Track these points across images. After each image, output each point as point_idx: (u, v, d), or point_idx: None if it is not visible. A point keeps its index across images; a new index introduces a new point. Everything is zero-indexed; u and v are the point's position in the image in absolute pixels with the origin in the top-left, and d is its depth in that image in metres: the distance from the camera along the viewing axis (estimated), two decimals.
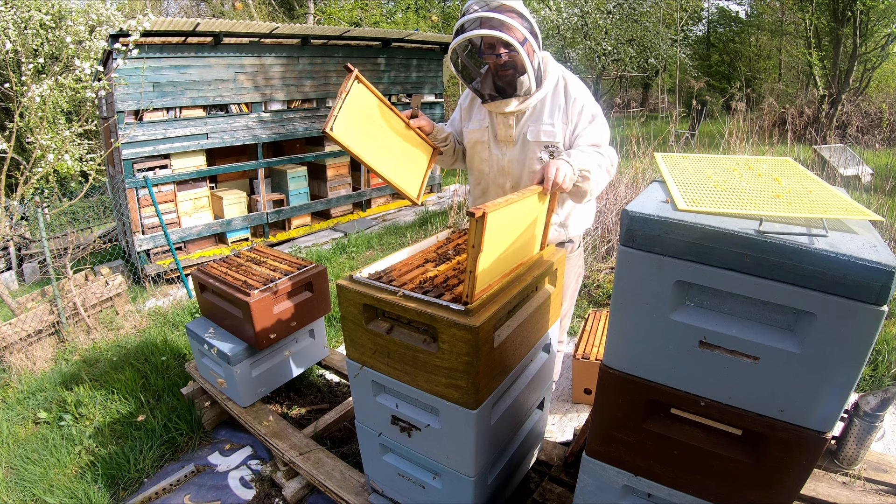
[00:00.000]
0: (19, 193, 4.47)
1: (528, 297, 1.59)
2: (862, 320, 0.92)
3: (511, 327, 1.47)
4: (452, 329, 1.28)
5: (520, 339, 1.53)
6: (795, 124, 10.36)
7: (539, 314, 1.62)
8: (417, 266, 1.63)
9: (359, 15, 16.65)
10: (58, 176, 7.02)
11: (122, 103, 5.11)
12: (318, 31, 6.61)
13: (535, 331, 1.63)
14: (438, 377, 1.38)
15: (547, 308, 1.67)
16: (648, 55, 12.83)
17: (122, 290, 4.47)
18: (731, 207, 1.08)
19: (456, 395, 1.37)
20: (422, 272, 1.58)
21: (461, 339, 1.28)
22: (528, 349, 1.62)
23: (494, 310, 1.33)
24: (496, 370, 1.42)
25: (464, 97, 2.05)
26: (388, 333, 1.45)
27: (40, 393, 3.31)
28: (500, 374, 1.45)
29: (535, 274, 1.55)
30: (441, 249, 1.79)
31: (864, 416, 1.68)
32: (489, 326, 1.31)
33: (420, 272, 1.58)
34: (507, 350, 1.46)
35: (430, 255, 1.73)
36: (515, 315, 1.52)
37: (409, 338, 1.43)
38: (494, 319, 1.33)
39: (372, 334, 1.48)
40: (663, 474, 1.23)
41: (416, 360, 1.41)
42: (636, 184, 5.23)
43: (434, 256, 1.71)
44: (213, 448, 2.68)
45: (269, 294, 2.32)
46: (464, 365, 1.31)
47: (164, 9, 16.81)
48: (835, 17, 11.23)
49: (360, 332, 1.51)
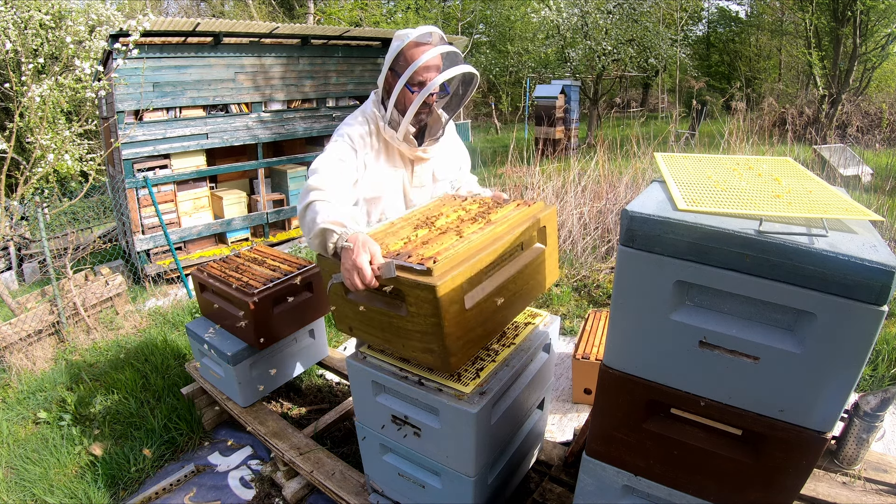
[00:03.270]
0: (19, 193, 4.47)
1: (512, 256, 1.52)
2: (862, 320, 0.92)
3: (490, 288, 1.41)
4: (416, 291, 1.25)
5: (507, 299, 1.46)
6: (795, 124, 10.36)
7: (530, 273, 1.53)
8: (399, 230, 1.56)
9: (359, 15, 16.65)
10: (58, 176, 7.02)
11: (122, 103, 5.10)
12: (318, 31, 6.61)
13: (527, 290, 1.54)
14: (413, 342, 1.36)
15: (539, 267, 1.57)
16: (648, 55, 12.82)
17: (122, 290, 4.47)
18: (731, 207, 1.08)
19: (430, 360, 1.34)
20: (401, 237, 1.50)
21: (425, 301, 1.24)
22: (519, 310, 1.56)
23: (462, 270, 1.29)
24: (475, 332, 1.37)
25: (364, 143, 1.72)
26: (347, 294, 1.43)
27: (40, 393, 3.31)
28: (481, 336, 1.41)
29: (519, 232, 1.48)
30: (430, 213, 1.68)
31: (864, 416, 1.68)
32: (454, 286, 1.26)
33: (399, 238, 1.50)
34: (487, 311, 1.40)
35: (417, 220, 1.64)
36: (495, 275, 1.45)
37: (383, 303, 1.39)
38: (461, 279, 1.28)
39: (353, 304, 1.46)
40: (663, 474, 1.23)
41: (392, 326, 1.38)
42: (636, 184, 5.23)
43: (419, 222, 1.61)
44: (213, 448, 2.68)
45: (269, 294, 2.32)
46: (432, 327, 1.27)
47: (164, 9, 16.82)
48: (835, 17, 11.23)
49: (342, 302, 1.49)
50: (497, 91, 20.56)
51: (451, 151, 1.94)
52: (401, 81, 1.59)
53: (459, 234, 1.44)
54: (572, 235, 4.67)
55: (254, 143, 6.26)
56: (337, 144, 1.68)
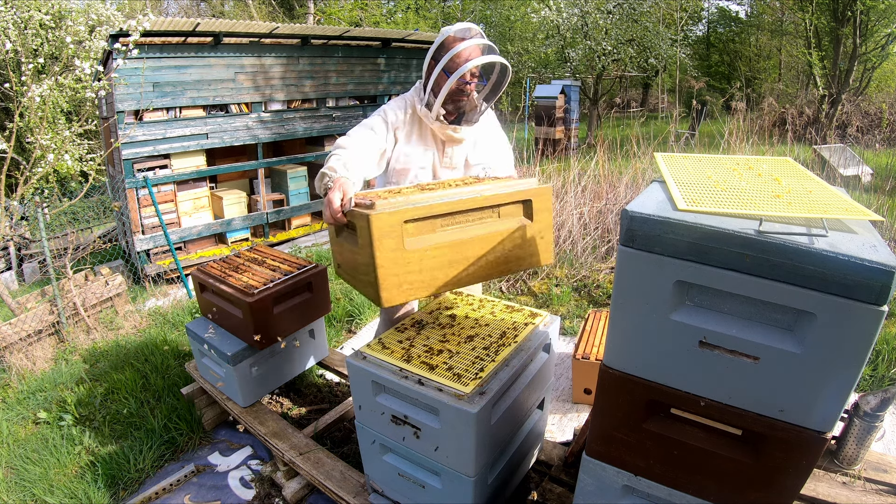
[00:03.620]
0: (19, 193, 4.47)
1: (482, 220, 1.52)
2: (862, 320, 0.92)
3: (442, 240, 1.44)
4: (360, 222, 1.35)
5: (468, 260, 1.47)
6: (795, 124, 10.36)
7: (505, 244, 1.51)
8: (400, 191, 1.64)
9: (359, 15, 16.66)
10: (58, 176, 7.03)
11: (122, 103, 5.10)
12: (318, 31, 6.61)
13: (503, 261, 1.54)
14: (361, 275, 1.44)
15: (521, 242, 1.55)
16: (648, 55, 12.82)
17: (122, 290, 4.47)
18: (731, 207, 1.08)
19: (370, 293, 1.42)
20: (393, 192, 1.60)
21: (364, 230, 1.34)
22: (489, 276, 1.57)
23: (403, 209, 1.35)
24: (415, 276, 1.41)
25: (398, 117, 1.91)
26: (338, 236, 1.56)
27: (40, 393, 3.31)
28: (426, 284, 1.43)
29: (486, 196, 1.47)
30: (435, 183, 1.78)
31: (864, 416, 1.68)
32: (390, 221, 1.33)
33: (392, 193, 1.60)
34: (435, 261, 1.43)
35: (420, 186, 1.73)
36: (452, 231, 1.47)
37: (348, 240, 1.51)
38: (400, 217, 1.35)
39: (338, 244, 1.61)
40: (663, 474, 1.23)
41: (354, 262, 1.48)
42: (636, 184, 5.23)
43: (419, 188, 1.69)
44: (213, 448, 2.68)
45: (269, 294, 2.32)
46: (369, 257, 1.36)
47: (164, 9, 16.83)
48: (835, 17, 11.23)
49: (334, 244, 1.64)
50: None
51: (490, 142, 2.05)
52: (438, 67, 1.74)
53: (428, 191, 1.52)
54: (572, 235, 4.67)
55: (254, 143, 6.26)
56: (372, 118, 1.91)
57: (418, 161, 1.94)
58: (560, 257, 4.51)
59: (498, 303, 1.96)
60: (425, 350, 1.63)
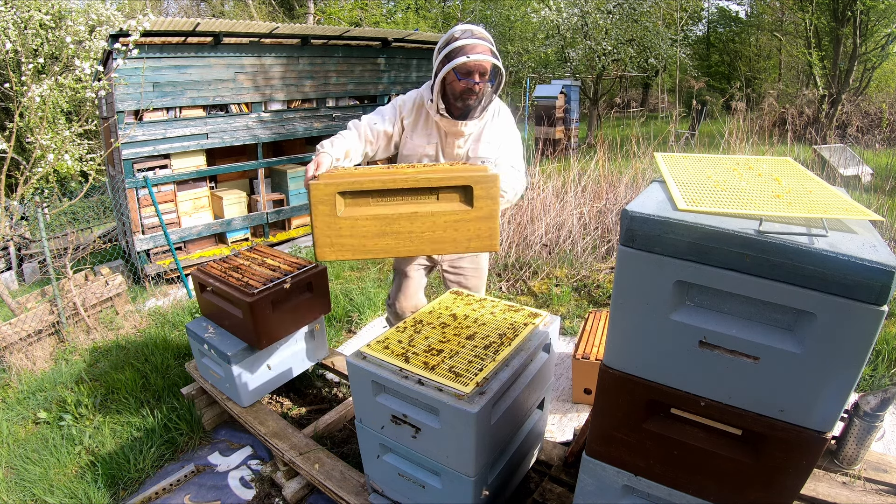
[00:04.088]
0: (19, 193, 4.47)
1: (417, 200, 1.63)
2: (862, 320, 0.92)
3: (375, 213, 1.61)
4: (308, 190, 1.58)
5: (398, 233, 1.63)
6: (795, 124, 10.36)
7: (438, 223, 1.63)
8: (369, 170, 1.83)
9: (359, 15, 16.65)
10: (58, 176, 7.03)
11: (122, 103, 5.10)
12: (318, 31, 6.61)
13: (435, 239, 1.66)
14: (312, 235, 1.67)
15: (456, 224, 1.64)
16: (648, 55, 12.82)
17: (122, 290, 4.47)
18: (731, 207, 1.08)
19: (314, 249, 1.65)
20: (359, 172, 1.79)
21: (308, 196, 1.58)
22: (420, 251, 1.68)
23: (338, 182, 1.57)
24: (346, 240, 1.62)
25: (406, 107, 2.10)
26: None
27: (40, 393, 3.31)
28: (356, 248, 1.63)
29: (423, 178, 1.59)
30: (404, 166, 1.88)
31: (864, 416, 1.68)
32: (326, 192, 1.56)
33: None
34: (365, 230, 1.61)
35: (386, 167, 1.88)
36: (386, 206, 1.62)
37: None
38: (334, 188, 1.56)
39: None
40: (663, 474, 1.23)
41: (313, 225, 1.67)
42: (636, 184, 5.23)
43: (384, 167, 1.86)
44: (213, 448, 2.68)
45: (269, 294, 2.32)
46: (311, 220, 1.61)
47: (164, 9, 16.83)
48: (835, 17, 11.22)
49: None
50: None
51: (495, 138, 2.12)
52: (435, 66, 1.93)
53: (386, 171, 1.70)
54: (572, 235, 4.67)
55: (254, 143, 6.26)
56: (385, 106, 2.12)
57: (422, 150, 2.10)
58: (560, 257, 4.51)
59: (498, 303, 1.96)
60: (425, 350, 1.63)
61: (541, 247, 4.64)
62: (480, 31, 1.91)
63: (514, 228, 4.84)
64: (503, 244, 4.70)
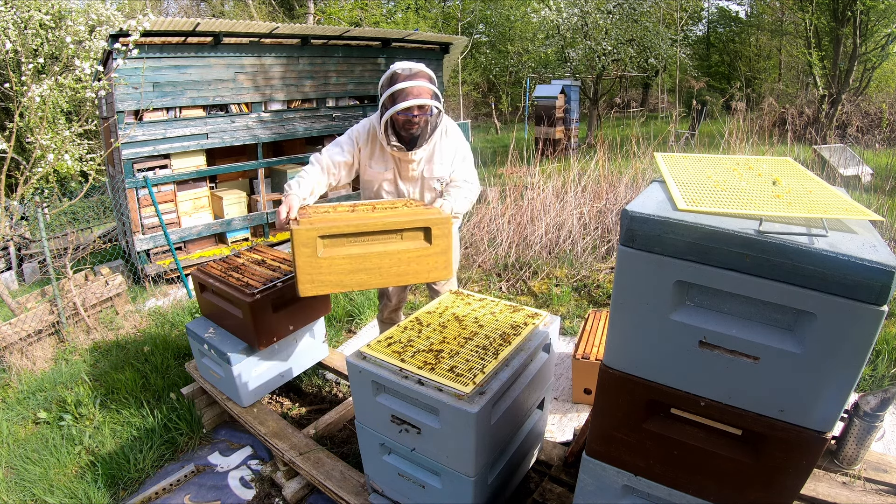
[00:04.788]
0: (19, 193, 4.47)
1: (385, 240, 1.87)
2: (862, 320, 0.92)
3: (350, 252, 1.82)
4: (292, 233, 1.76)
5: (370, 269, 1.86)
6: (795, 124, 10.36)
7: (404, 259, 1.88)
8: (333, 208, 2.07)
9: (359, 15, 16.65)
10: (58, 176, 7.02)
11: (122, 103, 5.10)
12: (318, 31, 6.60)
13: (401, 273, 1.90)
14: (295, 273, 1.84)
15: (419, 259, 1.90)
16: (648, 55, 12.81)
17: (122, 290, 4.47)
18: (731, 207, 1.08)
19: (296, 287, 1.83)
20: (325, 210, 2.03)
21: (292, 240, 1.76)
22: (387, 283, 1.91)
23: (318, 227, 1.76)
24: (326, 277, 1.82)
25: (362, 137, 2.25)
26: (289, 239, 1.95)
27: (40, 393, 3.31)
28: (334, 283, 1.84)
29: (391, 222, 1.84)
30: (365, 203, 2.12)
31: (864, 416, 1.68)
32: (308, 236, 1.75)
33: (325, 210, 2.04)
34: (343, 268, 1.82)
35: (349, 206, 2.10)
36: (360, 245, 1.85)
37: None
38: (315, 233, 1.75)
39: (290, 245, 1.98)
40: (663, 474, 1.23)
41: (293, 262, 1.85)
42: (636, 184, 5.23)
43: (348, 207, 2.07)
44: (213, 448, 2.68)
45: (269, 294, 2.32)
46: (293, 258, 1.79)
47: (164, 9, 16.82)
48: (835, 17, 11.22)
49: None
50: (497, 91, 20.54)
51: (447, 156, 2.28)
52: (380, 102, 2.07)
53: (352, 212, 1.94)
54: (572, 235, 4.67)
55: (254, 143, 6.26)
56: (342, 137, 2.26)
57: (381, 175, 2.28)
58: (560, 257, 4.51)
59: (498, 303, 1.96)
60: (425, 350, 1.63)
61: (541, 247, 4.64)
62: (419, 69, 2.06)
63: (514, 228, 4.84)
64: (503, 244, 4.71)
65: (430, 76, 2.07)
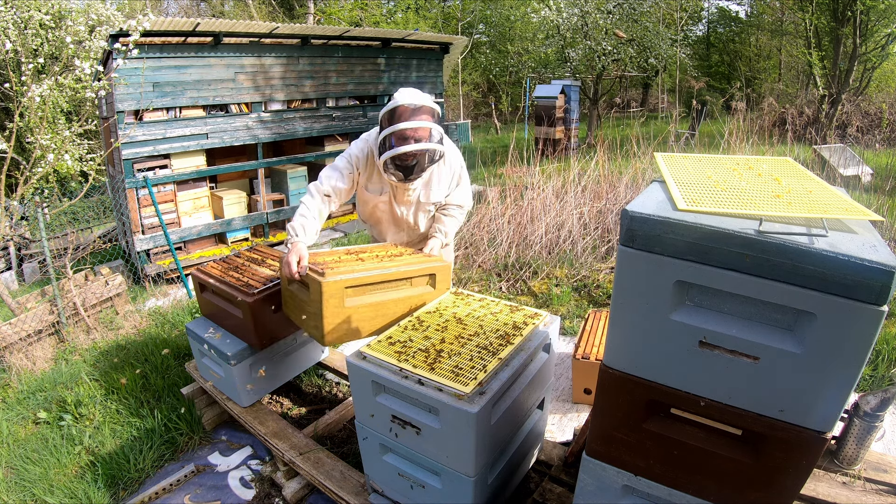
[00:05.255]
0: (19, 193, 4.47)
1: (397, 287, 2.00)
2: (862, 320, 0.92)
3: (371, 301, 1.93)
4: (314, 284, 1.83)
5: (387, 315, 1.98)
6: (795, 124, 10.36)
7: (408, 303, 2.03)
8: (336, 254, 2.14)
9: (359, 15, 16.65)
10: (58, 176, 7.01)
11: (122, 103, 5.10)
12: (318, 31, 6.61)
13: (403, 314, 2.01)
14: (309, 319, 1.95)
15: (420, 300, 2.05)
16: (648, 55, 12.81)
17: (122, 290, 4.47)
18: (731, 207, 1.08)
19: (315, 334, 1.94)
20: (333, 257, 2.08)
21: (316, 291, 1.82)
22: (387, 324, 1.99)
23: (345, 278, 1.84)
24: (349, 325, 1.90)
25: (361, 162, 2.25)
26: (289, 285, 2.09)
27: (40, 393, 3.31)
28: (355, 330, 1.93)
29: (404, 271, 1.98)
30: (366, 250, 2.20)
31: (864, 416, 1.68)
32: (336, 288, 1.82)
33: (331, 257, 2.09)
34: (365, 316, 1.92)
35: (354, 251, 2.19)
36: (378, 294, 1.96)
37: (300, 290, 2.01)
38: (342, 284, 1.83)
39: (288, 290, 2.14)
40: (663, 474, 1.23)
41: (301, 306, 2.00)
42: (636, 184, 5.23)
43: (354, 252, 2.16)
44: (213, 448, 2.68)
45: (269, 294, 2.32)
46: (316, 309, 1.85)
47: (164, 9, 16.82)
48: (835, 17, 11.22)
49: (285, 287, 2.17)
50: (497, 91, 20.55)
51: (444, 181, 2.31)
52: (383, 134, 2.05)
53: (361, 261, 2.01)
54: (572, 235, 4.67)
55: (254, 143, 6.26)
56: (341, 160, 2.24)
57: (378, 198, 2.31)
58: (560, 257, 4.51)
59: (498, 302, 1.97)
60: (425, 349, 1.63)
61: (541, 247, 4.64)
62: (421, 104, 2.03)
63: (514, 228, 4.84)
64: (503, 244, 4.71)
65: (433, 111, 2.07)
